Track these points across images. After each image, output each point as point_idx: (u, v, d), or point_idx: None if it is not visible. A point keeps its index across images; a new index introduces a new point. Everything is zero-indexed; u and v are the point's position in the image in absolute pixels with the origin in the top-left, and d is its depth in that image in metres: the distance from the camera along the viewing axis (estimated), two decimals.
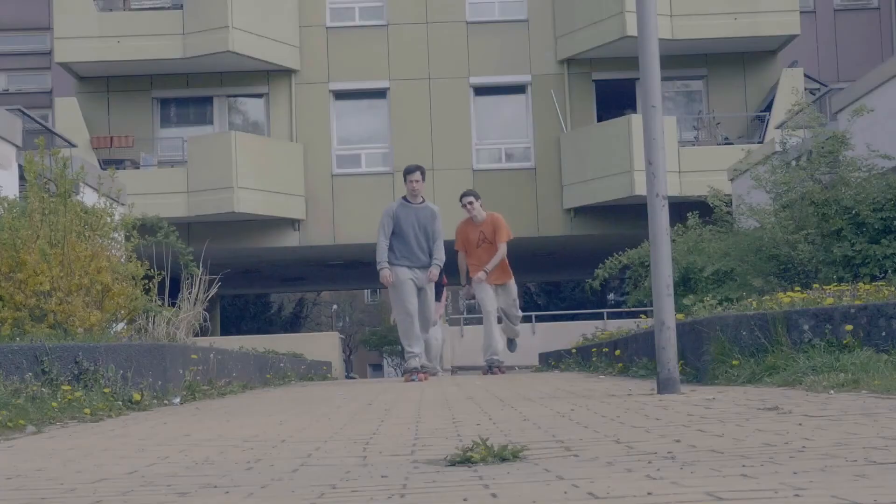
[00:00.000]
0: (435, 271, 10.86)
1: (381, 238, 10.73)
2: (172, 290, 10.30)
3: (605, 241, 21.50)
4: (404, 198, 11.04)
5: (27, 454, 3.82)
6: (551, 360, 15.56)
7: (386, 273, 10.68)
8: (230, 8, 24.40)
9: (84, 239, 8.67)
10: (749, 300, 8.37)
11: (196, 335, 10.52)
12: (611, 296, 36.22)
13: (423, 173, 11.09)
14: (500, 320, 13.09)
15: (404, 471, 2.80)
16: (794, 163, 12.10)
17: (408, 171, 11.07)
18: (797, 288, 8.81)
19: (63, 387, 6.07)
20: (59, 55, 25.11)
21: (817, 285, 8.87)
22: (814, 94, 19.78)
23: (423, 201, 11.03)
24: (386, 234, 10.77)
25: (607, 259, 14.05)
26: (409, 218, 10.80)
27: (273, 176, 24.81)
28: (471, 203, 12.19)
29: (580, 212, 25.70)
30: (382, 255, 10.69)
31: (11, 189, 11.48)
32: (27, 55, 36.42)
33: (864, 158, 11.24)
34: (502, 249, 12.05)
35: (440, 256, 10.94)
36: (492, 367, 12.08)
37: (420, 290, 10.84)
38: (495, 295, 12.33)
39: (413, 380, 10.38)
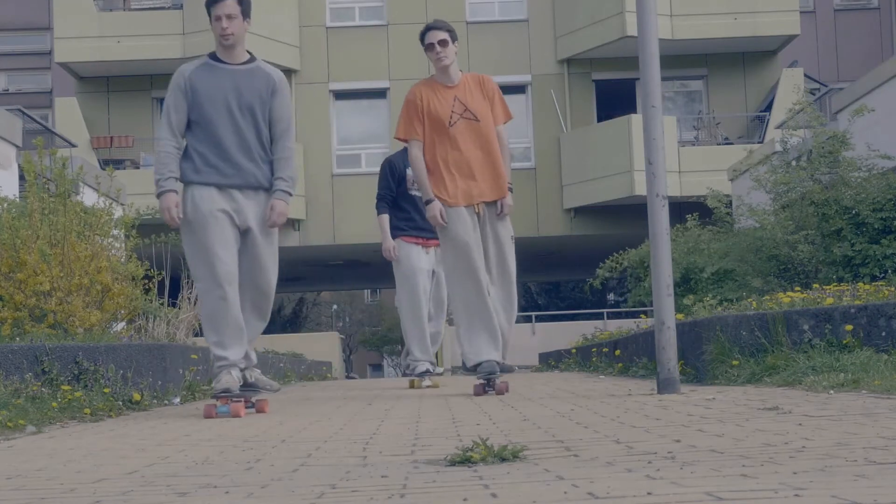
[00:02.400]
0: (281, 205, 5.86)
1: (164, 132, 5.78)
2: (172, 290, 10.30)
3: (605, 241, 21.51)
4: (212, 55, 5.93)
5: (27, 454, 3.82)
6: (551, 360, 15.57)
7: (170, 200, 5.71)
8: None
9: (84, 239, 8.67)
10: (749, 300, 8.37)
11: (196, 335, 10.52)
12: (611, 296, 36.22)
13: (243, 1, 5.85)
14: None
15: (404, 471, 2.80)
16: (794, 163, 12.11)
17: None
18: (797, 288, 8.82)
19: (63, 387, 6.06)
20: (59, 55, 25.11)
21: (817, 285, 8.88)
22: (814, 94, 19.80)
23: (253, 60, 5.95)
24: (173, 124, 5.78)
25: (608, 258, 14.07)
26: (220, 89, 5.79)
27: None
28: (443, 44, 6.84)
29: (580, 212, 25.70)
30: (166, 166, 5.73)
31: (11, 189, 11.48)
32: (27, 55, 36.43)
33: (864, 158, 11.25)
34: (505, 135, 6.92)
35: (288, 171, 5.90)
36: (491, 380, 6.71)
37: (246, 234, 5.84)
38: (476, 229, 6.76)
39: (220, 412, 5.53)
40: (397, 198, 8.95)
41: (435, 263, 8.78)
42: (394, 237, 8.86)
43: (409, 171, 8.60)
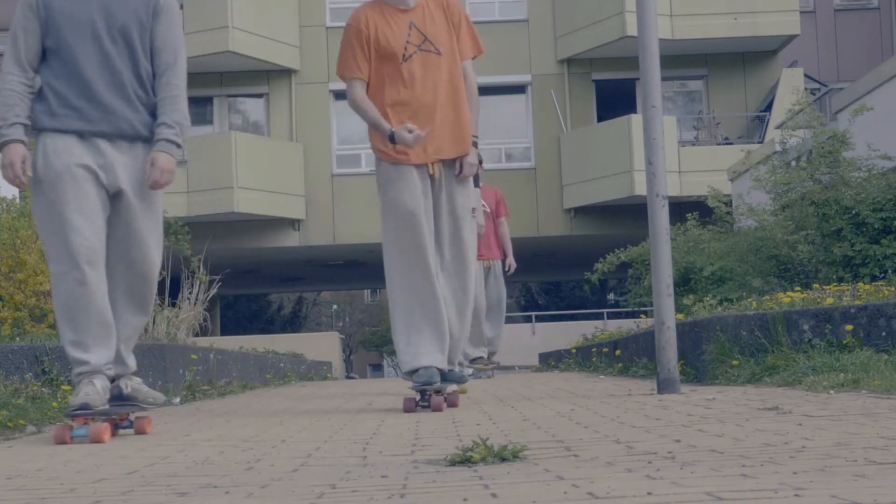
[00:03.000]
0: (165, 159, 4.39)
1: (11, 65, 4.39)
2: (172, 290, 10.30)
3: (605, 241, 21.50)
4: None
5: (27, 454, 3.82)
6: (551, 360, 15.57)
7: (15, 152, 4.27)
8: (230, 8, 24.41)
9: None
10: (749, 300, 8.37)
11: (196, 335, 10.52)
12: (611, 296, 36.24)
13: None
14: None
15: (404, 471, 2.80)
16: (794, 163, 12.10)
17: None
18: (797, 288, 8.82)
19: (63, 387, 6.07)
20: None
21: (817, 285, 8.87)
22: (814, 94, 19.81)
23: None
24: (22, 54, 4.40)
25: (608, 254, 14.08)
26: (84, 8, 4.41)
27: (273, 176, 24.81)
28: None
29: (580, 212, 25.70)
30: (11, 109, 4.34)
31: (11, 189, 11.48)
32: None
33: (864, 158, 11.24)
34: (472, 73, 5.50)
35: (175, 115, 4.46)
36: (426, 393, 5.22)
37: (117, 199, 4.43)
38: (432, 193, 5.30)
39: (76, 436, 4.16)
40: None
41: None
42: None
43: None
